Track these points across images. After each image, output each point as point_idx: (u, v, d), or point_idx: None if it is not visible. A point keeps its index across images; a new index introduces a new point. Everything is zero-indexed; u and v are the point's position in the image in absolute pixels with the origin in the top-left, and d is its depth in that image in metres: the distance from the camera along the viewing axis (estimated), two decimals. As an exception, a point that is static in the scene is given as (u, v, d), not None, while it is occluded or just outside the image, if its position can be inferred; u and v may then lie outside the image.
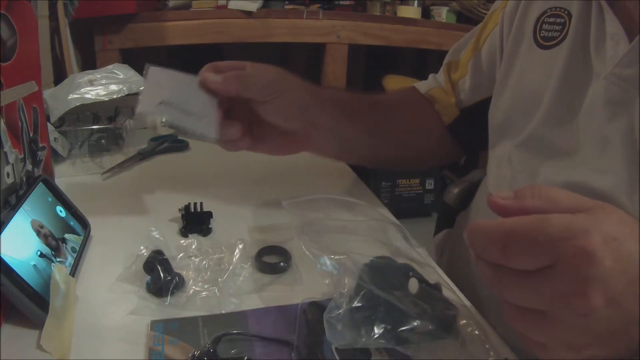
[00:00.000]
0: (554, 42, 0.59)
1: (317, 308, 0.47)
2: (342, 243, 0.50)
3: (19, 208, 0.49)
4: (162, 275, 0.50)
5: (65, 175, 0.75)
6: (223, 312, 0.48)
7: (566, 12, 0.59)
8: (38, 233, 0.49)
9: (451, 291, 0.53)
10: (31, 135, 0.57)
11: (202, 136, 0.58)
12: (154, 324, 0.46)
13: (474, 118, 0.75)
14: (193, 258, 0.55)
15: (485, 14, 0.76)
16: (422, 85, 0.82)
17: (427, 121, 0.79)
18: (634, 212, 0.50)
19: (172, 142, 0.89)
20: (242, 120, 0.62)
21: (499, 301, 0.36)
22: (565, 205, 0.35)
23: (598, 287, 0.31)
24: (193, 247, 0.56)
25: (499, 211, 0.36)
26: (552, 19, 0.60)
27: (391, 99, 0.82)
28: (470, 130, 0.77)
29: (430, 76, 0.83)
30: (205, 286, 0.51)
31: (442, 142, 0.79)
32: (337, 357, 0.43)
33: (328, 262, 0.46)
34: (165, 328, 0.45)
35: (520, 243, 0.33)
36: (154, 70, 0.60)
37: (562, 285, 0.32)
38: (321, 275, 0.46)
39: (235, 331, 0.45)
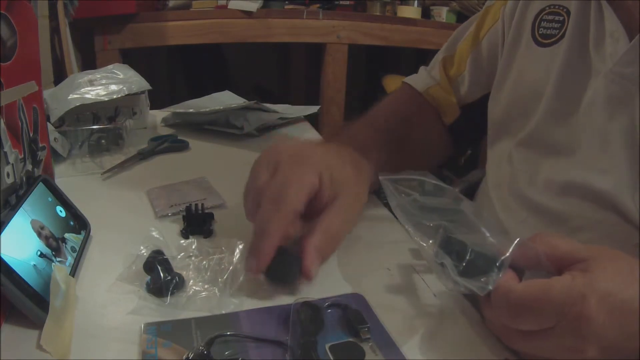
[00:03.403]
0: (553, 39, 0.59)
1: (310, 308, 0.47)
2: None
3: (19, 208, 0.49)
4: (162, 275, 0.50)
5: (65, 175, 0.75)
6: (223, 312, 0.48)
7: (565, 9, 0.59)
8: (39, 234, 0.49)
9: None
10: (31, 135, 0.57)
11: None
12: (147, 327, 0.45)
13: (472, 113, 0.74)
14: (193, 258, 0.55)
15: (486, 14, 0.75)
16: (417, 82, 0.80)
17: (431, 125, 0.77)
18: (635, 211, 0.50)
19: (172, 142, 0.89)
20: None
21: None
22: (563, 254, 0.42)
23: (593, 342, 0.38)
24: (193, 247, 0.56)
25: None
26: (550, 17, 0.60)
27: (397, 110, 0.78)
28: (467, 127, 0.76)
29: (422, 70, 0.81)
30: (206, 286, 0.51)
31: (441, 143, 0.79)
32: (331, 357, 0.43)
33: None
34: (158, 330, 0.45)
35: (526, 312, 0.39)
36: None
37: (562, 342, 0.39)
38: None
39: (228, 332, 0.45)
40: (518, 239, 0.42)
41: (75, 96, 0.86)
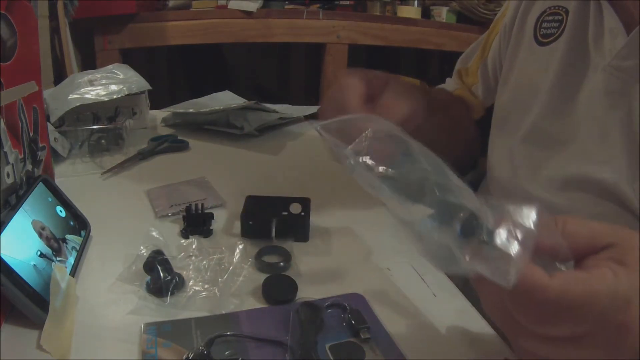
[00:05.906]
0: (552, 38, 0.61)
1: (310, 308, 0.47)
2: None
3: (19, 208, 0.49)
4: (162, 275, 0.50)
5: (65, 175, 0.75)
6: (223, 312, 0.48)
7: (564, 9, 0.60)
8: (40, 234, 0.49)
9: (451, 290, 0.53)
10: (31, 135, 0.57)
11: None
12: (147, 327, 0.45)
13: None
14: (193, 258, 0.55)
15: (485, 14, 0.78)
16: (447, 86, 0.85)
17: (465, 116, 0.81)
18: (635, 200, 0.51)
19: (172, 142, 0.89)
20: None
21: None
22: (584, 243, 0.35)
23: (625, 352, 0.33)
24: (193, 247, 0.56)
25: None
26: (550, 17, 0.62)
27: (436, 95, 0.82)
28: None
29: (448, 80, 0.86)
30: (206, 286, 0.51)
31: (474, 138, 0.81)
32: (331, 357, 0.43)
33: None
34: (158, 331, 0.45)
35: (564, 316, 0.32)
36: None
37: (594, 353, 0.33)
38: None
39: (228, 332, 0.45)
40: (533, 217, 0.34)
41: (75, 96, 0.86)
